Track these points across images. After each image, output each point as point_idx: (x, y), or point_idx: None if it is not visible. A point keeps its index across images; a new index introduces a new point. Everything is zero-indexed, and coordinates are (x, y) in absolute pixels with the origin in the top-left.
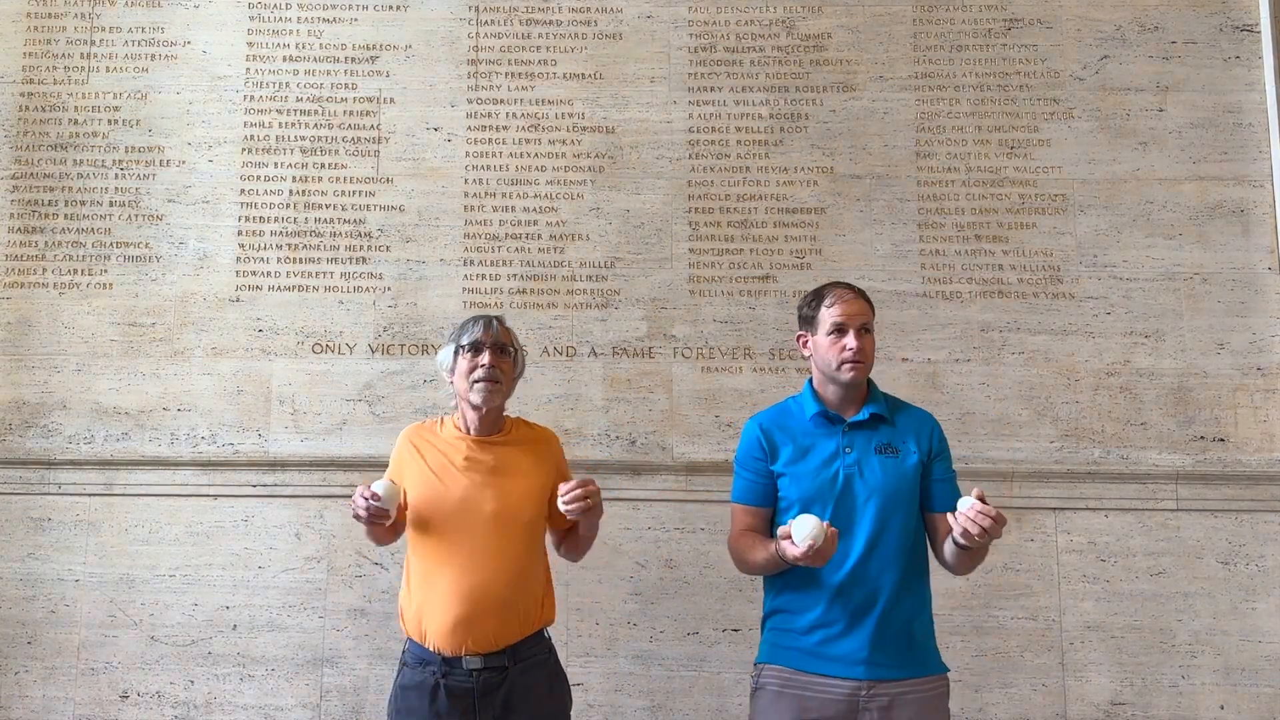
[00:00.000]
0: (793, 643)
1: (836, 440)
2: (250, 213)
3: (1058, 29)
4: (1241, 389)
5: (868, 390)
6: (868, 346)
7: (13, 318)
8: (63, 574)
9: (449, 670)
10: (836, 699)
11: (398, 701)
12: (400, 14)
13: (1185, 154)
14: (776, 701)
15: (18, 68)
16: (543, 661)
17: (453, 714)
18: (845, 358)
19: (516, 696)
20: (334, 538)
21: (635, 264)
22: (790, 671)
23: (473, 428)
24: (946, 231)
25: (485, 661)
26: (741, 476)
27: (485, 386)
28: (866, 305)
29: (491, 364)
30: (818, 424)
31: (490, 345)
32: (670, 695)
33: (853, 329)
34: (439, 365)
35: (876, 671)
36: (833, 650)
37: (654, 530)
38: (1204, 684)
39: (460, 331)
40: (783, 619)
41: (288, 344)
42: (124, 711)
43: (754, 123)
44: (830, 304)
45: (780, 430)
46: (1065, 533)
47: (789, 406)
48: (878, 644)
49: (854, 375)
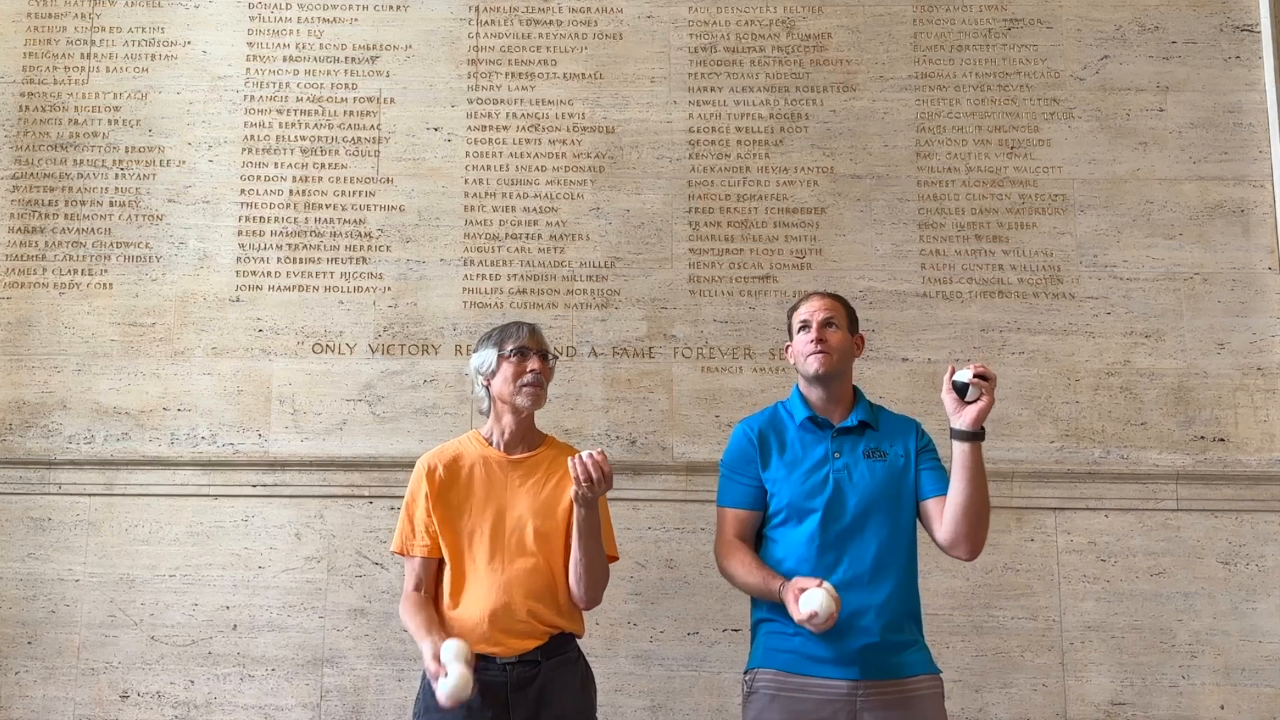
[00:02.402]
0: (785, 645)
1: (825, 445)
2: (250, 213)
3: (1058, 29)
4: (1241, 389)
5: (855, 397)
6: (832, 338)
7: (13, 318)
8: (63, 574)
9: (482, 666)
10: (831, 700)
11: (426, 699)
12: (400, 14)
13: (1185, 154)
14: (770, 705)
15: (18, 68)
16: (574, 660)
17: (485, 710)
18: (808, 350)
19: (550, 691)
20: (334, 538)
21: (635, 264)
22: (784, 675)
23: (508, 431)
24: (946, 231)
25: (519, 656)
26: (730, 480)
27: (533, 391)
28: (835, 302)
29: (539, 369)
30: (806, 429)
31: (536, 350)
32: (670, 695)
33: (815, 323)
34: (474, 369)
35: (871, 672)
36: (826, 652)
37: (654, 530)
38: (1204, 684)
39: (502, 336)
40: (775, 624)
41: (288, 344)
42: (124, 711)
43: (754, 123)
44: (798, 307)
45: (770, 435)
46: (1065, 533)
47: (778, 412)
48: (872, 645)
49: (818, 365)
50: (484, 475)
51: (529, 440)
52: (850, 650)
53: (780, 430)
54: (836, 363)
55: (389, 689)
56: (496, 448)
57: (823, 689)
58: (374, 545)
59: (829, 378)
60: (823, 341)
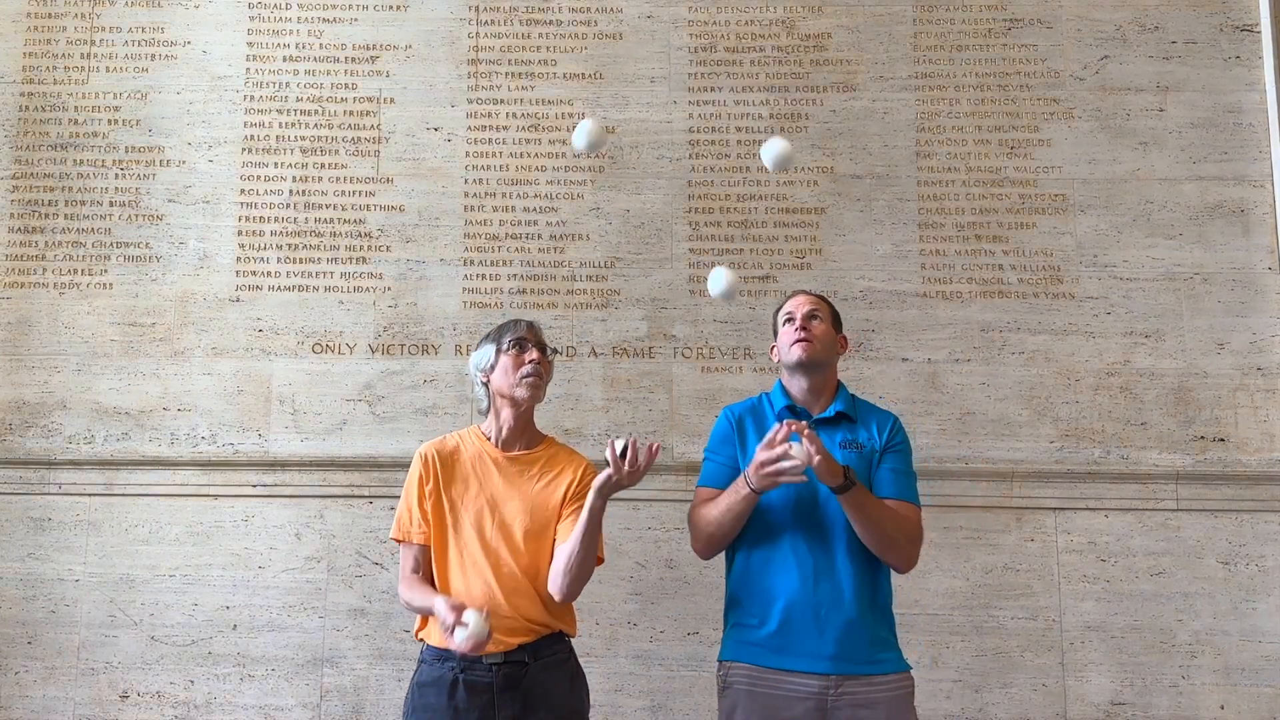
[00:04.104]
0: (756, 639)
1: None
2: (250, 213)
3: (1058, 29)
4: (1241, 389)
5: (836, 390)
6: (815, 329)
7: (13, 318)
8: (63, 574)
9: (468, 665)
10: (805, 698)
11: (414, 699)
12: (400, 14)
13: (1185, 154)
14: (747, 702)
15: (18, 68)
16: (563, 660)
17: (472, 709)
18: (791, 339)
19: (537, 693)
20: (334, 538)
21: (635, 264)
22: (757, 670)
23: (506, 428)
24: (946, 231)
25: (505, 657)
26: (711, 461)
27: (532, 381)
28: (816, 298)
29: (537, 360)
30: (784, 418)
31: (535, 343)
32: (670, 695)
33: (799, 315)
34: (474, 367)
35: (843, 666)
36: (798, 646)
37: (654, 530)
38: (1204, 684)
39: (500, 332)
40: (743, 613)
41: (288, 344)
42: (124, 711)
43: (754, 123)
44: (782, 306)
45: (748, 420)
46: (1065, 533)
47: (760, 401)
48: (844, 640)
49: (801, 352)
50: (479, 470)
51: (528, 438)
52: (823, 644)
53: (760, 418)
54: (819, 351)
55: (389, 689)
56: (495, 444)
57: (797, 685)
58: (374, 545)
59: (811, 367)
60: (806, 330)
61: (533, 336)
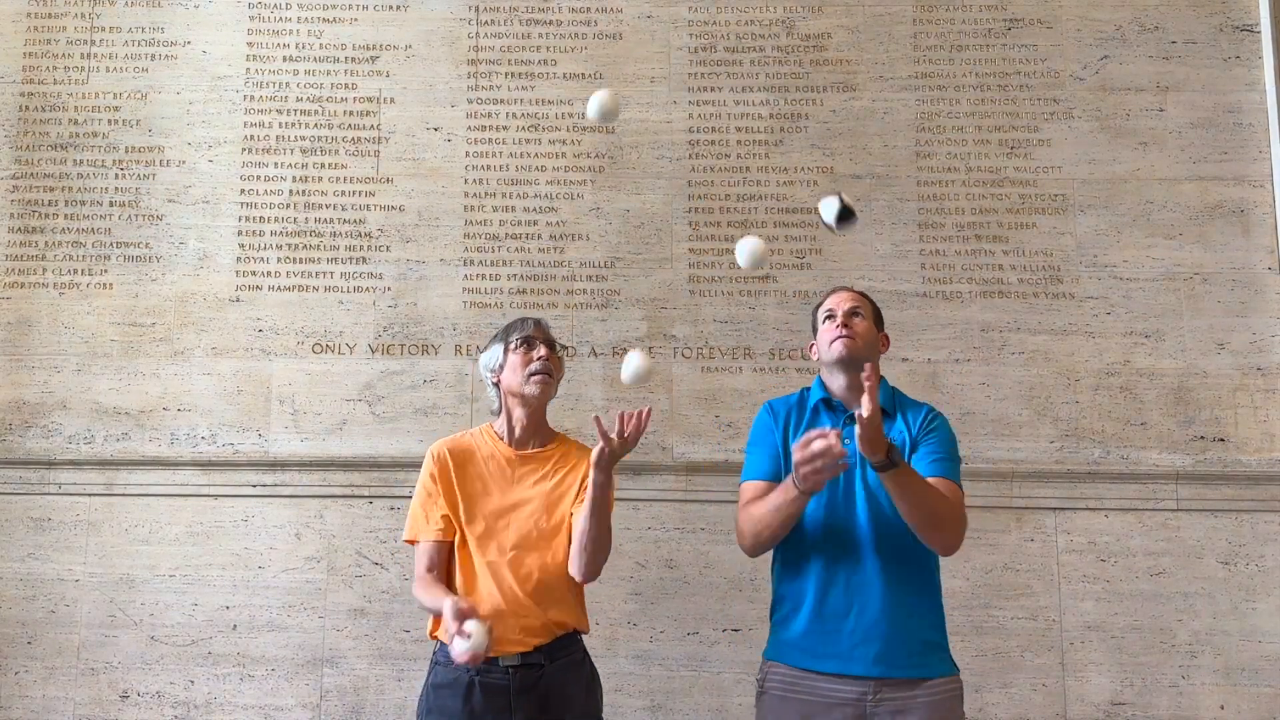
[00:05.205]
0: (795, 639)
1: (838, 428)
2: (250, 213)
3: (1058, 29)
4: (1241, 389)
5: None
6: (857, 326)
7: (13, 318)
8: (63, 574)
9: (485, 667)
10: (843, 704)
11: (429, 701)
12: (400, 14)
13: (1185, 154)
14: (780, 706)
15: (18, 68)
16: (579, 662)
17: (488, 712)
18: (833, 335)
19: (554, 695)
20: (334, 538)
21: (635, 264)
22: (795, 672)
23: (518, 427)
24: (946, 231)
25: (522, 659)
26: (753, 454)
27: (541, 379)
28: (858, 295)
29: (546, 356)
30: (821, 411)
31: (543, 340)
32: (670, 695)
33: (841, 312)
34: (483, 368)
35: (882, 670)
36: (836, 648)
37: (654, 530)
38: (1204, 684)
39: (507, 331)
40: (785, 611)
41: (288, 344)
42: (124, 711)
43: (754, 123)
44: (823, 303)
45: (792, 412)
46: (1065, 533)
47: (801, 395)
48: (884, 642)
49: (843, 349)
50: (493, 469)
51: (540, 436)
52: (862, 647)
53: (802, 410)
54: (861, 349)
55: (389, 689)
56: (508, 443)
57: (834, 690)
58: (374, 545)
59: (852, 362)
60: (848, 327)
61: (540, 334)
